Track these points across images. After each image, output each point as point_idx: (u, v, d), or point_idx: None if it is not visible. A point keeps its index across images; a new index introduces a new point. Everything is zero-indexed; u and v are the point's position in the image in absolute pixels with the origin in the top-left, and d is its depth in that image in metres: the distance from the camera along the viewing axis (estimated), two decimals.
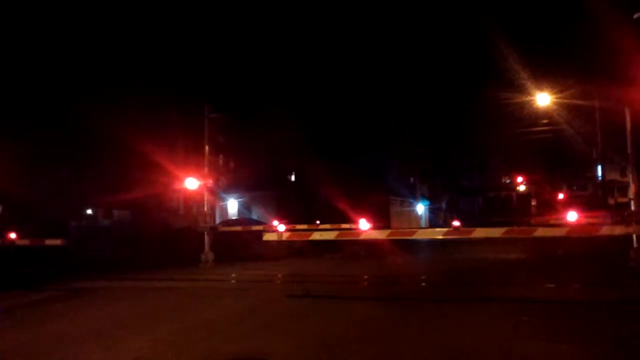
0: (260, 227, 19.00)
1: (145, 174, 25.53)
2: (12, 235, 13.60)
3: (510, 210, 50.34)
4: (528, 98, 23.90)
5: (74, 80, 24.25)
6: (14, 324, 8.07)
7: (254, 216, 32.81)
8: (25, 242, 13.83)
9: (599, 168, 27.86)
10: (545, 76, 23.78)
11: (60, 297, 10.94)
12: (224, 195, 34.37)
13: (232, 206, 36.46)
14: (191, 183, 17.04)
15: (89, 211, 29.61)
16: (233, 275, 13.90)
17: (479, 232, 9.73)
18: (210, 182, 17.74)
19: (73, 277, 13.77)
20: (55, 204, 23.07)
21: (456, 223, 12.89)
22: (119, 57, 25.78)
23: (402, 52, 49.76)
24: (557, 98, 22.67)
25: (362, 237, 11.91)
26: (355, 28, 46.48)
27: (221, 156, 30.94)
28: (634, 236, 12.14)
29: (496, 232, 9.39)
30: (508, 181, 60.24)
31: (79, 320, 8.24)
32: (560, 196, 47.42)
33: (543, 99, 23.15)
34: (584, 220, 15.74)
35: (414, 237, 12.46)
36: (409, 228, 29.56)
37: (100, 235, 26.25)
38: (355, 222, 16.96)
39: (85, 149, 24.62)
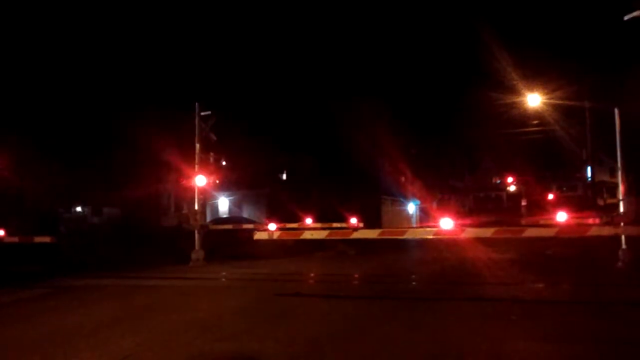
0: (251, 226, 18.93)
1: (136, 172, 25.44)
2: (1, 232, 13.50)
3: (500, 210, 50.54)
4: (519, 99, 24.02)
5: (65, 80, 24.14)
6: (1, 322, 8.00)
7: (245, 214, 32.77)
8: (14, 239, 13.73)
9: (589, 169, 28.05)
10: (536, 77, 23.92)
11: (50, 295, 10.87)
12: (215, 194, 34.28)
13: (223, 204, 36.39)
14: (182, 181, 16.98)
15: (79, 208, 29.48)
16: (223, 273, 13.85)
17: (470, 232, 9.76)
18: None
19: (62, 275, 13.68)
20: (45, 200, 22.95)
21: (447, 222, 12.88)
22: (111, 56, 25.71)
23: (395, 52, 49.89)
24: (547, 99, 22.80)
25: (353, 236, 11.91)
26: (349, 28, 46.54)
27: (212, 154, 30.81)
28: (623, 237, 12.23)
29: (486, 232, 9.42)
30: (498, 181, 60.48)
31: (68, 318, 8.19)
32: (550, 197, 47.70)
33: (534, 99, 23.28)
34: (574, 221, 15.83)
35: (405, 236, 12.47)
36: (399, 227, 29.60)
37: (89, 233, 26.12)
38: (347, 221, 16.98)
39: (76, 147, 24.49)
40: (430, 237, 12.02)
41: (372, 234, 11.68)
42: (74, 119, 23.13)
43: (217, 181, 30.48)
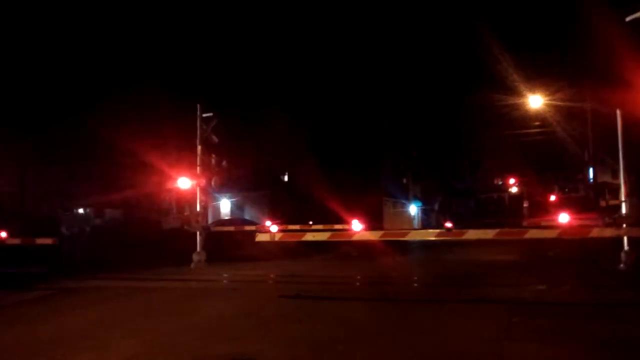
0: (252, 228, 18.91)
1: (137, 174, 25.45)
2: (3, 234, 13.50)
3: (502, 211, 50.48)
4: (521, 100, 24.01)
5: (66, 80, 24.15)
6: (1, 324, 8.01)
7: (247, 216, 32.72)
8: (16, 241, 13.73)
9: (591, 170, 28.03)
10: (538, 78, 23.91)
11: (51, 296, 10.87)
12: (216, 195, 34.26)
13: (225, 206, 36.36)
14: (184, 182, 16.96)
15: (81, 210, 29.48)
16: (225, 275, 13.85)
17: (471, 234, 9.74)
18: (202, 181, 17.64)
19: (63, 276, 13.67)
20: (47, 202, 22.97)
21: (448, 224, 12.91)
22: (111, 57, 25.69)
23: (396, 53, 49.80)
24: (549, 100, 22.79)
25: (355, 238, 11.87)
26: (349, 29, 46.47)
27: (214, 156, 30.79)
28: (625, 238, 12.19)
29: (488, 234, 9.40)
30: (500, 183, 60.44)
31: (69, 320, 8.19)
32: (552, 198, 47.68)
33: (535, 101, 23.27)
34: (576, 222, 15.80)
35: (407, 238, 12.46)
36: (401, 229, 29.54)
37: (91, 235, 26.13)
38: (348, 222, 16.93)
39: (77, 148, 24.50)
40: (432, 238, 12.02)
41: (374, 235, 11.68)
42: (75, 120, 23.14)
43: (219, 182, 30.56)
